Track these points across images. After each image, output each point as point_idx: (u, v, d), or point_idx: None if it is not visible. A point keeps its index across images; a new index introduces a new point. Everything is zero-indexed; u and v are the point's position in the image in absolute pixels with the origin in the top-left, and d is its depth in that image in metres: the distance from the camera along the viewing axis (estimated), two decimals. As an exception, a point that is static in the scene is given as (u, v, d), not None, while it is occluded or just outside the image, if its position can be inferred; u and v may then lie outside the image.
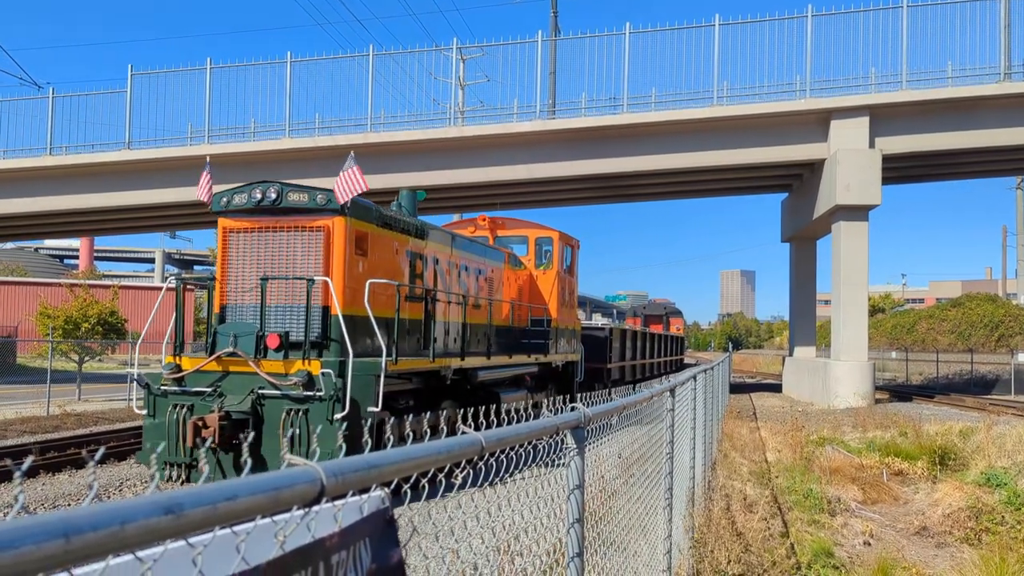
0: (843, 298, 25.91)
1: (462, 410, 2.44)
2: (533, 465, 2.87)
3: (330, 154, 27.32)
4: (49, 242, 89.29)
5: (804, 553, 8.50)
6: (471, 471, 2.26)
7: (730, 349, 59.83)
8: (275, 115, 28.38)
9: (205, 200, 10.63)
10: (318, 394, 9.45)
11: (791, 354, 33.18)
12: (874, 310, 65.35)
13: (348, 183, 9.94)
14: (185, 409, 9.75)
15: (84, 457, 12.32)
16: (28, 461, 1.13)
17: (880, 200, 25.25)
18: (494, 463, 2.40)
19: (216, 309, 10.76)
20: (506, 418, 2.41)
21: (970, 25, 24.94)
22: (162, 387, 10.06)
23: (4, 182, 29.69)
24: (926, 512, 11.12)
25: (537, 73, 27.23)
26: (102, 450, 1.41)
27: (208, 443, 9.31)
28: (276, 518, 1.36)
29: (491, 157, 27.38)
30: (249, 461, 1.34)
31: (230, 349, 9.87)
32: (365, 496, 1.62)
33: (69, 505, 10.21)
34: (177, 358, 10.32)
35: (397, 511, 1.78)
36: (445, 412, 12.10)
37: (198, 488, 1.09)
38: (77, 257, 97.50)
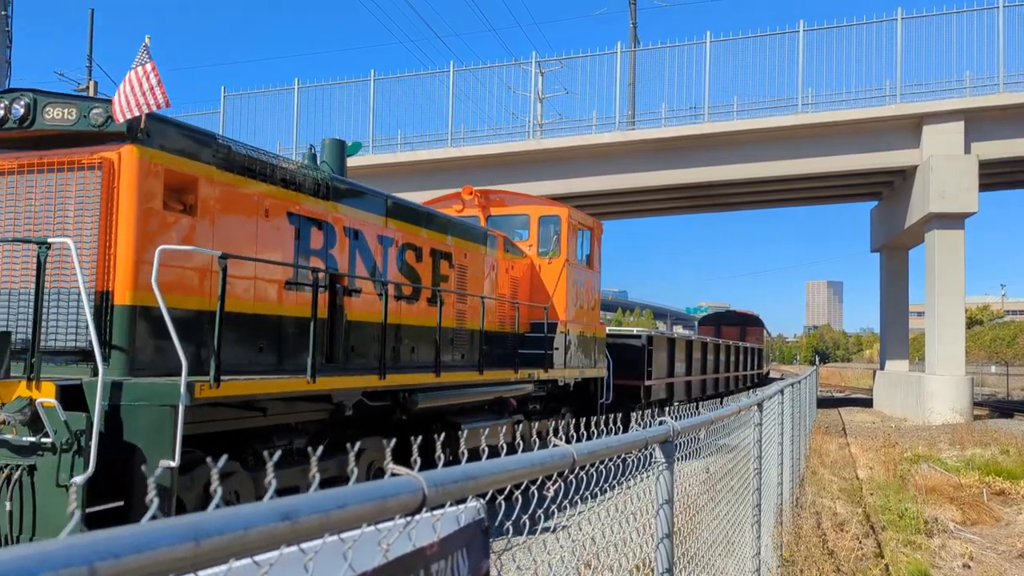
0: (938, 310, 24.93)
1: (355, 446, 1.44)
2: (616, 481, 2.87)
3: (412, 169, 27.83)
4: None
5: (900, 574, 8.20)
6: (562, 484, 2.28)
7: (816, 362, 58.01)
8: (359, 131, 29.09)
9: None
10: (44, 440, 5.73)
11: (882, 367, 32.07)
12: (971, 322, 62.63)
13: (136, 92, 6.05)
14: None
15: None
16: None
17: (977, 207, 24.26)
18: (584, 476, 2.41)
19: None
20: (465, 454, 1.77)
21: (1074, 23, 23.80)
22: None
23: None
24: (1031, 535, 10.57)
25: (616, 84, 27.22)
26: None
27: None
28: (379, 527, 1.41)
29: (570, 169, 27.42)
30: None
31: None
32: (462, 507, 1.66)
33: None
34: None
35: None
36: (360, 456, 8.46)
37: (311, 495, 1.14)
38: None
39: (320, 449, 1.45)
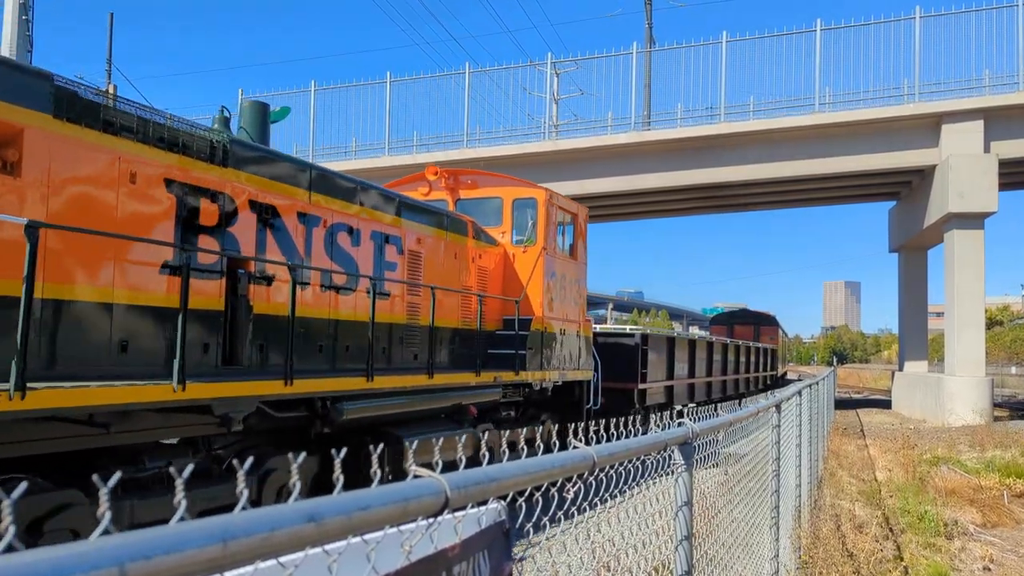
0: (957, 310, 24.72)
1: (245, 465, 1.27)
2: (635, 482, 2.87)
3: (428, 170, 27.92)
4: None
5: (919, 578, 8.13)
6: (582, 486, 2.28)
7: (834, 363, 57.54)
8: (375, 134, 29.20)
9: None
10: None
11: (901, 368, 31.82)
12: (991, 323, 62.06)
13: None
14: None
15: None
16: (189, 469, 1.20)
17: (996, 207, 24.04)
18: (604, 478, 2.41)
19: None
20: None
21: (1095, 20, 23.56)
22: None
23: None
24: (1053, 538, 10.46)
25: (632, 85, 27.17)
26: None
27: None
28: (402, 528, 1.41)
29: (586, 170, 27.40)
30: None
31: None
32: (483, 508, 1.66)
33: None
34: None
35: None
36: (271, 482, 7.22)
37: (335, 497, 1.15)
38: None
39: (188, 470, 1.11)
